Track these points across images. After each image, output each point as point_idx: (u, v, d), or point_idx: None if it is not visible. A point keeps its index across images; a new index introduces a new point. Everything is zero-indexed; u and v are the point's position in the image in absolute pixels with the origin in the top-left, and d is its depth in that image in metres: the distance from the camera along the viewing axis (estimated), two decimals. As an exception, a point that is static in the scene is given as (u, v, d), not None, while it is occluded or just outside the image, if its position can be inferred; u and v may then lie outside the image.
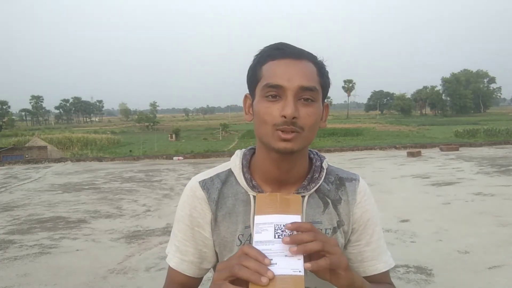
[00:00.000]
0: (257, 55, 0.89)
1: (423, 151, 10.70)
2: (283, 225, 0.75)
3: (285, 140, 0.83)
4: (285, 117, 0.81)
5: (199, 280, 1.01)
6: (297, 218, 0.77)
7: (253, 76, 0.88)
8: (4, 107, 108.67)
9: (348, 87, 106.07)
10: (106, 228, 4.36)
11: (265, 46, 0.89)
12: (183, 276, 0.98)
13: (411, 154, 9.96)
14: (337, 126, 54.25)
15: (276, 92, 0.83)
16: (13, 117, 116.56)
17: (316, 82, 0.85)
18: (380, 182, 6.50)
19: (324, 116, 0.92)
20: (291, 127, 0.82)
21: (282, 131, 0.83)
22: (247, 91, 0.93)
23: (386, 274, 1.00)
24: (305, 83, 0.82)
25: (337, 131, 45.21)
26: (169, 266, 1.00)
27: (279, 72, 0.83)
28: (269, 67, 0.85)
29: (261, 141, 0.90)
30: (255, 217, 0.77)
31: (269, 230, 0.74)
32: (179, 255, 0.98)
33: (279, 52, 0.85)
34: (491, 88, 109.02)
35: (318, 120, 0.87)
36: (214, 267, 1.02)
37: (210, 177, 0.97)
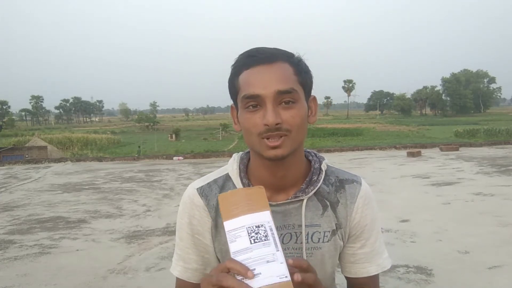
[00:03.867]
0: (233, 65, 0.87)
1: (423, 151, 10.70)
2: (255, 226, 0.72)
3: (274, 147, 0.82)
4: (267, 125, 0.80)
5: None
6: (266, 215, 0.74)
7: (233, 88, 0.87)
8: (4, 107, 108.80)
9: (348, 87, 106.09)
10: (106, 228, 4.36)
11: (239, 54, 0.87)
12: (189, 283, 0.97)
13: (411, 154, 9.96)
14: (337, 126, 54.28)
15: (255, 102, 0.81)
16: (13, 117, 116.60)
17: (293, 82, 0.83)
18: (380, 182, 6.50)
19: (313, 110, 0.91)
20: (277, 132, 0.81)
21: (268, 138, 0.82)
22: None
23: (375, 277, 0.99)
24: (281, 87, 0.81)
25: (337, 131, 45.26)
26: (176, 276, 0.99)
27: (254, 81, 0.82)
28: (245, 77, 0.83)
29: (252, 150, 0.89)
30: (224, 223, 0.74)
31: (242, 235, 0.71)
32: (182, 263, 0.97)
33: (252, 59, 0.83)
34: (491, 88, 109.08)
35: (304, 119, 0.85)
36: None
37: (208, 183, 0.96)
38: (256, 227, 0.72)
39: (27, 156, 20.17)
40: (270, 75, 0.82)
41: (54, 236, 4.12)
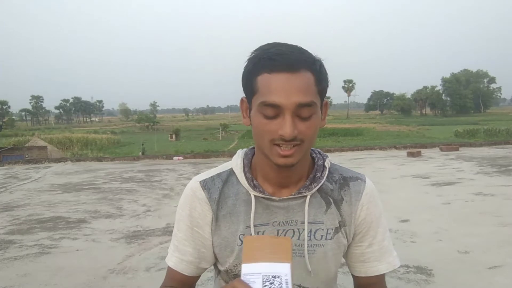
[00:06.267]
0: (251, 60, 0.84)
1: (423, 151, 10.69)
2: (272, 276, 0.73)
3: (285, 156, 0.82)
4: (283, 136, 0.80)
5: (197, 278, 1.02)
6: (286, 267, 0.74)
7: (249, 86, 0.85)
8: (4, 107, 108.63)
9: (348, 87, 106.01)
10: (106, 228, 4.36)
11: (259, 48, 0.84)
12: (181, 275, 0.98)
13: (411, 154, 9.96)
14: (337, 126, 54.24)
15: (273, 111, 0.80)
16: (13, 117, 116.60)
17: (314, 94, 0.82)
18: (380, 182, 6.50)
19: (323, 115, 0.90)
20: (290, 142, 0.81)
21: (280, 146, 0.82)
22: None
23: (384, 276, 0.99)
24: (302, 99, 0.79)
25: (337, 131, 45.20)
26: (168, 266, 1.00)
27: (275, 89, 0.79)
28: (264, 81, 0.81)
29: (260, 150, 0.89)
30: (242, 265, 0.75)
31: (256, 282, 0.72)
32: (177, 254, 0.98)
33: (274, 64, 0.80)
34: (491, 88, 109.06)
35: (317, 129, 0.85)
36: (215, 265, 1.02)
37: (211, 177, 0.96)
38: (272, 277, 0.73)
39: (27, 156, 20.16)
40: (292, 84, 0.79)
41: (54, 236, 4.12)
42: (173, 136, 51.22)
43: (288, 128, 0.79)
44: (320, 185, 0.93)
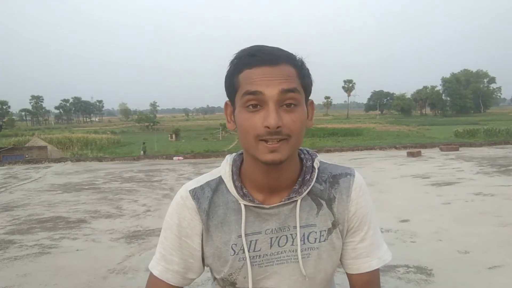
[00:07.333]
0: (232, 62, 0.84)
1: (423, 151, 10.69)
2: None
3: (272, 151, 0.80)
4: (268, 127, 0.78)
5: None
6: None
7: (231, 86, 0.84)
8: (4, 107, 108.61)
9: (348, 87, 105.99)
10: (106, 228, 4.36)
11: (239, 50, 0.85)
12: (166, 284, 0.95)
13: (411, 154, 9.95)
14: (337, 126, 54.28)
15: (256, 101, 0.79)
16: (13, 117, 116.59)
17: (297, 84, 0.81)
18: (380, 182, 6.50)
19: (310, 115, 0.89)
20: (276, 136, 0.79)
21: (267, 141, 0.80)
22: None
23: (377, 272, 0.97)
24: (285, 86, 0.79)
25: (337, 131, 45.22)
26: (151, 274, 0.97)
27: (257, 79, 0.79)
28: (246, 75, 0.80)
29: (247, 152, 0.87)
30: None
31: None
32: (163, 263, 0.95)
33: (254, 59, 0.80)
34: (491, 88, 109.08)
35: (304, 124, 0.84)
36: (213, 274, 0.99)
37: (201, 186, 0.94)
38: None
39: (27, 156, 20.15)
40: (274, 75, 0.79)
41: (54, 236, 4.12)
42: (173, 136, 51.22)
43: (272, 119, 0.77)
44: (309, 188, 0.91)
